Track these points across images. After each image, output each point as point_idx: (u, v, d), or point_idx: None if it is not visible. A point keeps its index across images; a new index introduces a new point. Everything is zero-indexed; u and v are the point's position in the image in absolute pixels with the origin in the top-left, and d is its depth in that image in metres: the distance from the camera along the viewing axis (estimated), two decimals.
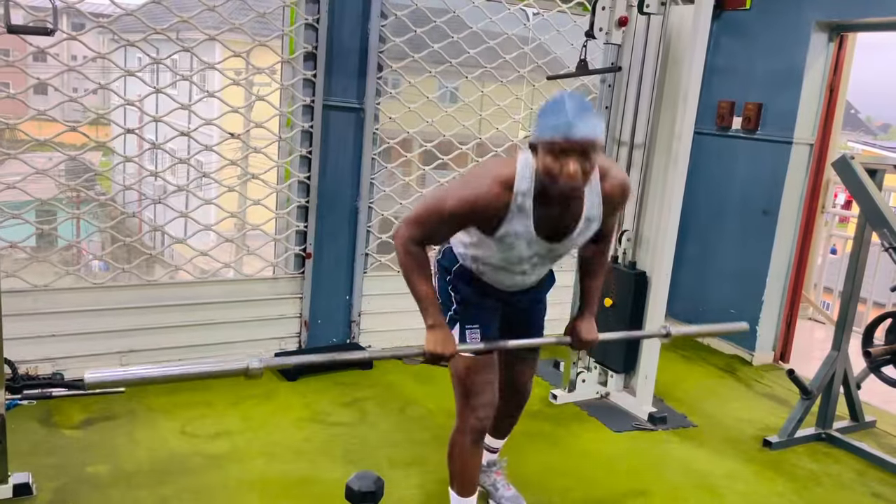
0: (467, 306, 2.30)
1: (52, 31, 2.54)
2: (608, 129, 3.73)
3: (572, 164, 1.89)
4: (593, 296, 2.39)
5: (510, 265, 2.20)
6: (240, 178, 4.12)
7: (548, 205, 2.04)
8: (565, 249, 2.19)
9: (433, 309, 2.13)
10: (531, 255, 2.16)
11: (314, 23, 3.79)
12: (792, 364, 4.71)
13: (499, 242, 2.10)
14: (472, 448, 2.37)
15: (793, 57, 4.42)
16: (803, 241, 4.67)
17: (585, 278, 2.42)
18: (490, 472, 2.81)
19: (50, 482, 2.72)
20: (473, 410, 2.33)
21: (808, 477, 3.29)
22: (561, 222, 2.10)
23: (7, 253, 3.69)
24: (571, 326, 2.41)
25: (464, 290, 2.30)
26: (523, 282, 2.30)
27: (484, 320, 2.31)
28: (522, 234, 2.07)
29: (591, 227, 2.16)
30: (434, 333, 2.12)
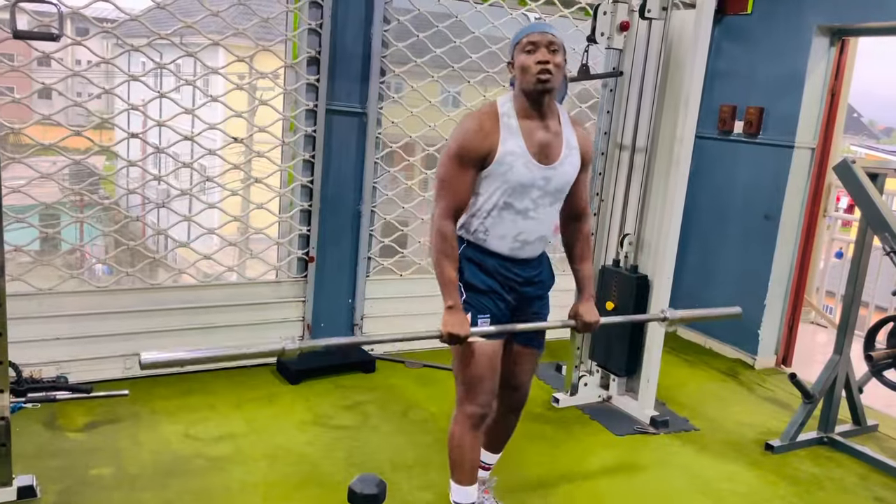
0: (476, 294, 2.35)
1: (57, 36, 2.55)
2: (610, 134, 3.74)
3: (541, 53, 2.20)
4: (587, 280, 2.52)
5: (515, 199, 2.28)
6: (243, 181, 4.13)
7: (530, 116, 2.27)
8: (561, 181, 2.32)
9: (454, 291, 2.26)
10: (531, 183, 2.27)
11: (317, 28, 3.81)
12: (794, 368, 4.71)
13: (498, 166, 2.24)
14: (472, 435, 2.41)
15: (794, 61, 4.43)
16: (805, 245, 4.67)
17: (576, 264, 2.55)
18: (479, 491, 2.69)
19: (54, 484, 2.73)
20: (475, 397, 2.38)
21: (810, 481, 3.29)
22: (547, 139, 2.28)
23: (11, 256, 3.70)
24: (574, 311, 2.52)
25: (472, 277, 2.36)
26: (531, 231, 2.34)
27: (495, 315, 2.37)
28: (518, 153, 2.24)
29: (574, 159, 2.35)
30: (451, 315, 2.24)
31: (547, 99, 2.26)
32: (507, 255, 2.36)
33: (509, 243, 2.34)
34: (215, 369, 3.87)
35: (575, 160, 2.36)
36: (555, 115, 2.32)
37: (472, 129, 2.24)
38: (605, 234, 3.88)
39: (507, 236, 2.33)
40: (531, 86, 2.22)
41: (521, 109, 2.27)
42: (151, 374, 3.72)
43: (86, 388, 3.45)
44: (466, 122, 2.27)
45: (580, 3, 4.48)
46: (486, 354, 2.36)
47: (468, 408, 2.39)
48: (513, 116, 2.27)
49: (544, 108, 2.27)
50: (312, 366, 3.91)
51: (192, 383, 3.71)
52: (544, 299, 2.53)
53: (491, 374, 2.39)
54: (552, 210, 2.39)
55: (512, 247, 2.35)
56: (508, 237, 2.33)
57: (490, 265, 2.36)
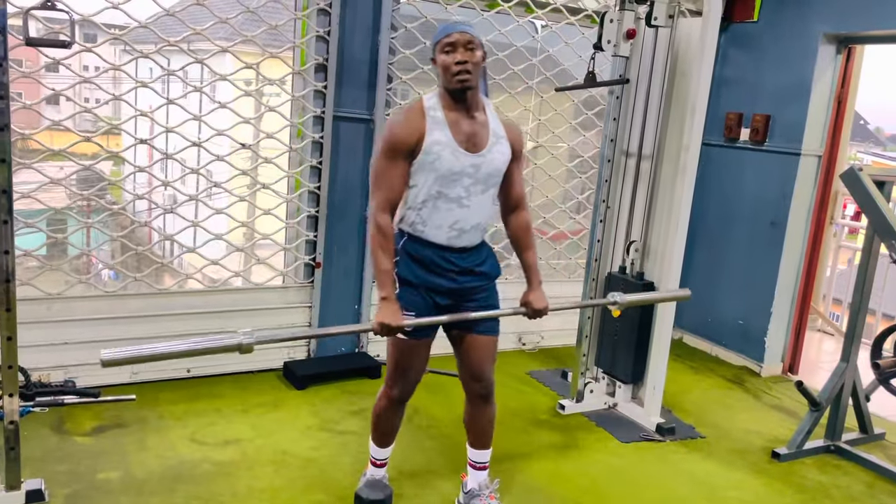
0: (407, 289, 2.45)
1: (69, 43, 2.57)
2: (616, 141, 3.75)
3: (460, 53, 2.33)
4: (534, 268, 2.62)
5: (447, 188, 2.38)
6: (250, 187, 4.15)
7: (455, 109, 2.38)
8: (490, 167, 2.42)
9: (388, 283, 2.37)
10: (461, 170, 2.37)
11: (325, 35, 3.83)
12: (800, 376, 4.70)
13: (426, 157, 2.35)
14: (391, 411, 2.66)
15: (801, 69, 4.43)
16: (812, 253, 4.66)
17: (521, 254, 2.65)
18: (483, 496, 2.76)
19: (62, 489, 2.75)
20: (396, 385, 2.60)
21: (816, 489, 3.28)
22: (472, 129, 2.39)
23: (20, 261, 3.72)
24: (524, 299, 2.61)
25: (406, 271, 2.46)
26: (466, 219, 2.42)
27: (421, 311, 2.46)
28: (445, 143, 2.35)
29: (503, 147, 2.45)
30: (385, 306, 2.35)
31: (469, 94, 2.38)
32: (445, 244, 2.44)
33: (446, 232, 2.43)
34: (221, 374, 3.89)
35: (504, 148, 2.46)
36: (480, 107, 2.44)
37: (398, 124, 2.38)
38: (611, 241, 3.88)
39: (444, 225, 2.42)
40: (452, 84, 2.35)
41: (447, 104, 2.40)
42: (158, 379, 3.73)
43: (93, 392, 3.46)
44: (394, 117, 2.45)
45: (587, 10, 4.49)
46: (412, 349, 2.52)
47: (391, 391, 2.62)
48: (438, 110, 2.39)
49: (468, 102, 2.39)
50: (318, 371, 3.92)
51: (198, 388, 3.72)
52: (489, 290, 2.60)
53: (415, 365, 2.57)
54: (485, 198, 2.47)
55: (449, 235, 2.43)
56: (445, 226, 2.42)
57: (427, 256, 2.44)
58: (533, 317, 2.61)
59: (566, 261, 4.93)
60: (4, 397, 2.46)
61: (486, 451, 2.79)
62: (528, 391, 4.10)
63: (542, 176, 4.75)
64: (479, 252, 2.54)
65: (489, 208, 2.51)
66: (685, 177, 3.53)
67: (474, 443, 2.78)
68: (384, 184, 2.37)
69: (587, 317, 3.83)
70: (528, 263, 2.62)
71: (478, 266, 2.52)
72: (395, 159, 2.36)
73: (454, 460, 3.21)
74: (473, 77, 2.35)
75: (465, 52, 2.34)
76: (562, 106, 4.63)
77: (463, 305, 2.53)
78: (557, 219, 4.81)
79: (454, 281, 2.48)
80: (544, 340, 4.86)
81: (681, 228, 3.58)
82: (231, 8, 3.62)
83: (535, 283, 2.61)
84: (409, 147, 2.35)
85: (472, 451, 2.79)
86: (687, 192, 3.55)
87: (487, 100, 2.52)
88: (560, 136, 4.73)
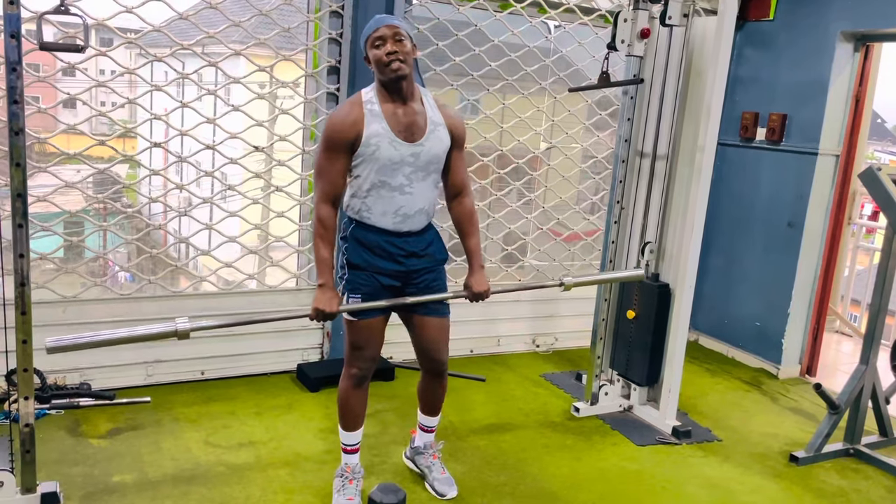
0: (355, 273, 2.60)
1: (83, 48, 2.58)
2: (631, 141, 3.72)
3: (389, 45, 2.43)
4: (475, 252, 2.75)
5: (388, 177, 2.50)
6: (264, 190, 4.16)
7: (392, 101, 2.49)
8: (429, 155, 2.53)
9: (326, 271, 2.49)
10: (401, 160, 2.49)
11: (338, 37, 3.83)
12: (819, 378, 4.64)
13: (366, 148, 2.46)
14: (355, 391, 2.73)
15: (818, 67, 4.38)
16: (830, 253, 4.61)
17: (464, 239, 2.77)
18: (427, 454, 3.01)
19: (77, 491, 2.76)
20: (355, 361, 2.69)
21: (836, 493, 3.24)
22: (409, 119, 2.50)
23: (36, 264, 3.75)
24: (465, 282, 2.75)
25: (354, 256, 2.59)
26: (410, 205, 2.54)
27: (367, 292, 2.60)
28: (382, 134, 2.46)
29: (441, 134, 2.56)
30: (322, 292, 2.49)
31: (404, 84, 2.48)
32: (391, 229, 2.56)
33: (391, 218, 2.55)
34: (235, 377, 3.90)
35: (442, 135, 2.57)
36: (416, 97, 2.54)
37: (337, 120, 2.48)
38: (625, 243, 3.86)
39: (388, 212, 2.54)
40: (386, 75, 2.45)
41: (383, 96, 2.50)
42: (173, 381, 3.75)
43: (108, 394, 3.49)
44: (333, 114, 2.52)
45: (600, 10, 4.47)
46: (365, 328, 2.64)
47: (350, 370, 2.70)
48: (376, 103, 2.49)
49: (404, 92, 2.49)
50: (332, 373, 3.91)
51: (212, 390, 3.73)
52: (436, 272, 2.72)
53: (368, 344, 2.66)
54: (427, 184, 2.58)
55: (394, 221, 2.55)
56: (389, 213, 2.54)
57: (373, 241, 2.57)
58: (474, 299, 2.74)
59: (580, 262, 4.90)
60: (20, 400, 2.48)
61: (435, 418, 3.01)
62: (542, 393, 4.08)
63: (555, 177, 4.73)
64: (425, 237, 2.66)
65: (432, 193, 2.63)
66: (700, 177, 3.49)
67: (425, 410, 2.99)
68: (325, 178, 2.50)
69: (601, 318, 3.80)
70: (471, 248, 2.74)
71: (423, 249, 2.65)
72: (335, 154, 2.48)
73: (460, 458, 3.20)
74: (405, 66, 2.44)
75: (395, 43, 2.44)
76: (575, 106, 4.61)
77: (409, 288, 2.67)
78: (571, 220, 4.78)
79: (401, 264, 2.61)
80: (558, 342, 4.84)
81: (696, 229, 3.55)
82: (244, 11, 3.63)
83: (476, 266, 2.74)
84: (347, 141, 2.47)
85: (422, 417, 3.01)
86: (702, 193, 3.51)
87: (425, 90, 2.63)
88: (573, 136, 4.70)
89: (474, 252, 2.75)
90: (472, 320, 4.44)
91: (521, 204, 4.58)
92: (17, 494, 2.54)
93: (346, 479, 2.80)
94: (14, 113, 2.35)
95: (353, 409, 2.76)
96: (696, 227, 3.55)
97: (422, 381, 2.94)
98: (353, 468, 2.82)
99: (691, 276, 3.60)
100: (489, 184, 4.43)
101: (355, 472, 2.82)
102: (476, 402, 3.88)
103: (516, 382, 4.22)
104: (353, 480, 2.80)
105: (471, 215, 2.75)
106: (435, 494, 2.93)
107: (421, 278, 2.67)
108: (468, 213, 2.75)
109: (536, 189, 4.73)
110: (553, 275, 4.79)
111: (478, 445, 3.40)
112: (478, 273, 2.74)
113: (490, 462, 3.24)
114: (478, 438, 3.47)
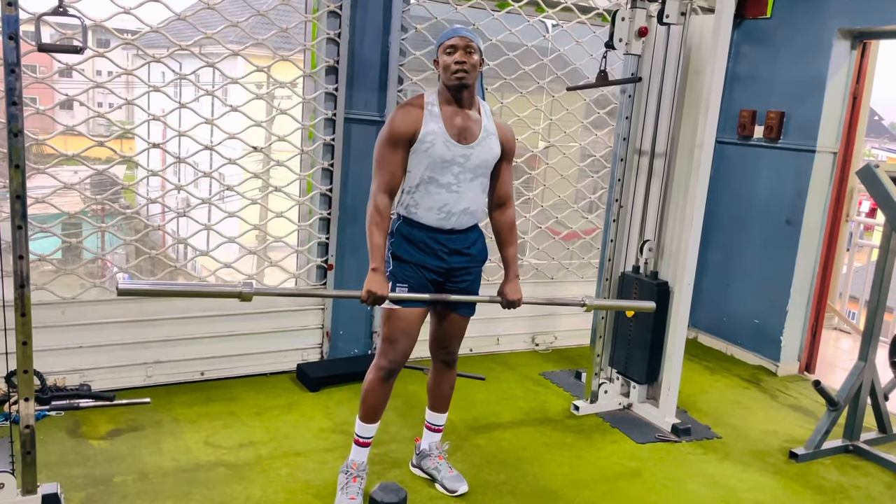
0: (401, 265, 2.69)
1: (81, 49, 2.58)
2: (629, 139, 3.72)
3: (459, 54, 2.57)
4: (512, 261, 2.83)
5: (438, 174, 2.61)
6: (262, 190, 4.15)
7: (451, 105, 2.63)
8: (478, 159, 2.64)
9: (378, 257, 2.58)
10: (451, 159, 2.60)
11: (335, 37, 3.83)
12: (817, 375, 4.66)
13: (421, 145, 2.58)
14: (381, 384, 2.77)
15: (815, 65, 4.39)
16: (828, 250, 4.62)
17: (502, 249, 2.85)
18: (433, 456, 3.04)
19: (78, 492, 2.76)
20: (387, 354, 2.73)
21: (835, 490, 3.25)
22: (465, 124, 2.63)
23: (35, 266, 3.75)
24: (500, 289, 2.82)
25: (399, 250, 2.70)
26: (455, 203, 2.64)
27: (413, 284, 2.69)
28: (438, 133, 2.59)
29: (492, 143, 2.68)
30: (374, 276, 2.57)
31: (466, 93, 2.62)
32: (435, 225, 2.66)
33: (436, 214, 2.65)
34: (235, 377, 3.90)
35: (493, 144, 2.68)
36: (475, 106, 2.68)
37: (399, 117, 2.61)
38: (624, 240, 3.86)
39: (434, 208, 2.64)
40: (450, 81, 2.59)
41: (444, 100, 2.64)
42: (172, 382, 3.75)
43: (108, 395, 3.48)
44: (397, 111, 2.65)
45: (598, 9, 4.47)
46: (403, 320, 2.70)
47: (381, 361, 2.75)
48: (436, 105, 2.64)
49: (463, 99, 2.63)
50: (331, 373, 3.92)
51: (212, 391, 3.73)
52: (473, 274, 2.81)
53: (405, 337, 2.72)
54: (474, 185, 2.67)
55: (438, 217, 2.65)
56: (435, 209, 2.64)
57: (419, 236, 2.67)
58: (507, 307, 2.80)
59: (579, 260, 4.90)
60: (20, 401, 2.47)
61: (443, 415, 3.05)
62: (542, 392, 4.09)
63: (553, 175, 4.73)
64: (469, 235, 2.75)
65: (478, 196, 2.71)
66: (699, 175, 3.50)
67: (434, 406, 3.03)
68: (384, 169, 2.62)
69: (601, 317, 3.81)
70: (508, 258, 2.83)
71: (467, 248, 2.74)
72: (395, 147, 2.60)
73: (460, 457, 3.20)
74: (470, 76, 2.58)
75: (465, 54, 2.57)
76: (573, 105, 4.61)
77: (448, 285, 2.75)
78: (570, 218, 4.79)
79: (444, 261, 2.70)
80: (558, 341, 4.85)
81: (695, 227, 3.55)
82: (242, 11, 3.63)
83: (511, 276, 2.82)
84: (407, 137, 2.60)
85: (430, 414, 3.05)
86: (701, 191, 3.52)
87: (484, 102, 2.75)
88: (572, 135, 4.70)
89: (511, 261, 2.83)
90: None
91: (519, 203, 4.58)
92: (18, 496, 2.54)
93: (350, 475, 2.83)
94: (13, 114, 2.34)
95: (375, 401, 2.80)
96: (695, 225, 3.55)
97: (432, 374, 3.00)
98: (360, 465, 2.85)
99: (690, 274, 3.60)
100: None
101: (360, 469, 2.84)
102: (476, 401, 3.89)
103: (516, 381, 4.22)
104: (357, 478, 2.82)
105: (511, 226, 2.84)
106: (446, 493, 2.94)
107: (462, 279, 2.77)
108: (509, 223, 2.84)
109: (535, 188, 4.73)
110: (552, 274, 4.81)
111: (478, 444, 3.40)
112: (513, 282, 2.81)
113: (490, 461, 3.25)
114: (478, 437, 3.48)
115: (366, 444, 2.86)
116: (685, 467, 3.36)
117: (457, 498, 2.92)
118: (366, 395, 2.80)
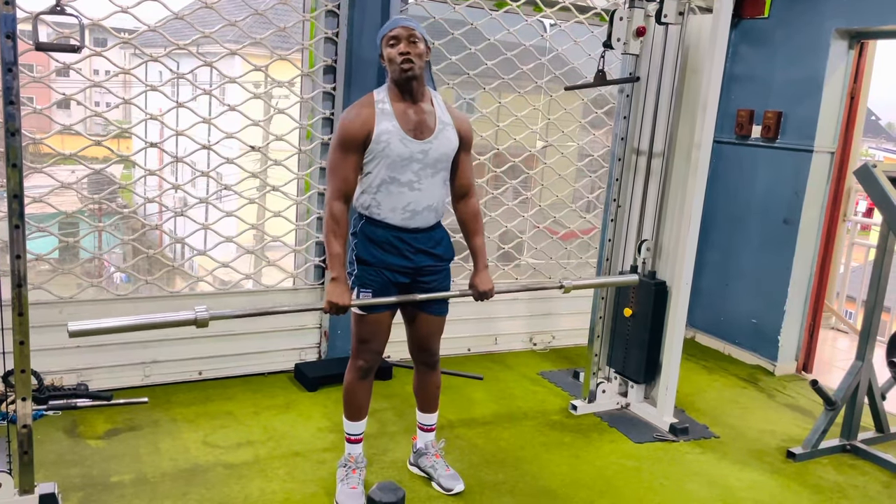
0: (365, 268, 2.66)
1: (78, 48, 2.58)
2: (627, 139, 3.73)
3: (403, 45, 2.50)
4: (480, 252, 2.81)
5: (398, 173, 2.56)
6: (260, 190, 4.15)
7: (402, 100, 2.57)
8: (437, 153, 2.60)
9: (338, 265, 2.56)
10: (409, 156, 2.55)
11: (333, 36, 3.83)
12: (815, 374, 4.66)
13: (376, 145, 2.53)
14: (360, 383, 2.80)
15: (813, 65, 4.39)
16: (825, 250, 4.62)
17: (469, 239, 2.83)
18: (429, 454, 3.04)
19: (75, 492, 2.76)
20: (362, 354, 2.76)
21: (833, 489, 3.25)
22: (419, 118, 2.57)
23: (32, 265, 3.74)
24: (470, 282, 2.82)
25: (363, 252, 2.66)
26: (418, 201, 2.60)
27: (376, 288, 2.66)
28: (393, 131, 2.53)
29: (450, 134, 2.63)
30: (335, 285, 2.56)
31: (415, 84, 2.55)
32: (400, 224, 2.62)
33: (400, 214, 2.61)
34: (233, 377, 3.89)
35: (451, 135, 2.64)
36: (426, 98, 2.62)
37: (350, 119, 2.55)
38: (622, 240, 3.86)
39: (397, 208, 2.60)
40: (397, 74, 2.53)
41: (394, 95, 2.58)
42: (170, 382, 3.74)
43: (106, 395, 3.48)
44: (345, 114, 2.58)
45: (596, 8, 4.47)
46: (372, 322, 2.70)
47: (357, 361, 2.77)
48: (387, 102, 2.57)
49: (414, 92, 2.57)
50: (329, 373, 3.91)
51: (210, 390, 3.73)
52: (441, 272, 2.78)
53: (375, 337, 2.73)
54: (436, 181, 2.64)
55: (403, 217, 2.61)
56: (398, 208, 2.60)
57: (383, 237, 2.63)
58: (479, 298, 2.80)
59: (577, 260, 4.90)
60: (17, 401, 2.47)
61: (433, 415, 3.05)
62: (540, 392, 4.09)
63: (551, 175, 4.73)
64: (434, 235, 2.72)
65: (440, 191, 2.68)
66: (696, 175, 3.50)
67: (423, 407, 3.03)
68: (337, 175, 2.57)
69: (599, 316, 3.81)
70: (475, 248, 2.80)
71: (432, 248, 2.71)
72: (348, 152, 2.55)
73: (458, 456, 3.20)
74: (416, 66, 2.52)
75: (408, 44, 2.51)
76: (571, 105, 4.61)
77: (417, 285, 2.73)
78: (567, 218, 4.79)
79: (409, 259, 2.67)
80: (555, 340, 4.85)
81: (693, 227, 3.55)
82: (239, 10, 3.62)
83: (480, 266, 2.80)
84: (359, 140, 2.54)
85: (421, 415, 3.05)
86: (698, 190, 3.52)
87: (435, 91, 2.70)
88: (569, 134, 4.70)
89: (479, 252, 2.80)
90: (470, 319, 4.44)
91: (517, 202, 4.58)
92: (15, 496, 2.54)
93: (349, 468, 2.85)
94: (10, 113, 2.34)
95: (358, 399, 2.82)
96: (693, 225, 3.55)
97: (416, 377, 3.00)
98: (357, 458, 2.87)
99: (688, 274, 3.61)
100: (485, 182, 4.42)
101: (358, 461, 2.87)
102: (474, 401, 3.89)
103: (514, 381, 4.23)
104: (356, 470, 2.85)
105: (476, 215, 2.81)
106: (442, 491, 2.95)
107: (429, 279, 2.74)
108: (473, 213, 2.80)
109: (532, 187, 4.73)
110: (550, 273, 4.81)
111: (476, 444, 3.40)
112: (482, 272, 2.80)
113: (488, 460, 3.25)
114: (476, 437, 3.48)
115: (357, 440, 2.88)
116: (683, 467, 3.36)
117: (455, 497, 2.92)
118: (347, 395, 2.82)
